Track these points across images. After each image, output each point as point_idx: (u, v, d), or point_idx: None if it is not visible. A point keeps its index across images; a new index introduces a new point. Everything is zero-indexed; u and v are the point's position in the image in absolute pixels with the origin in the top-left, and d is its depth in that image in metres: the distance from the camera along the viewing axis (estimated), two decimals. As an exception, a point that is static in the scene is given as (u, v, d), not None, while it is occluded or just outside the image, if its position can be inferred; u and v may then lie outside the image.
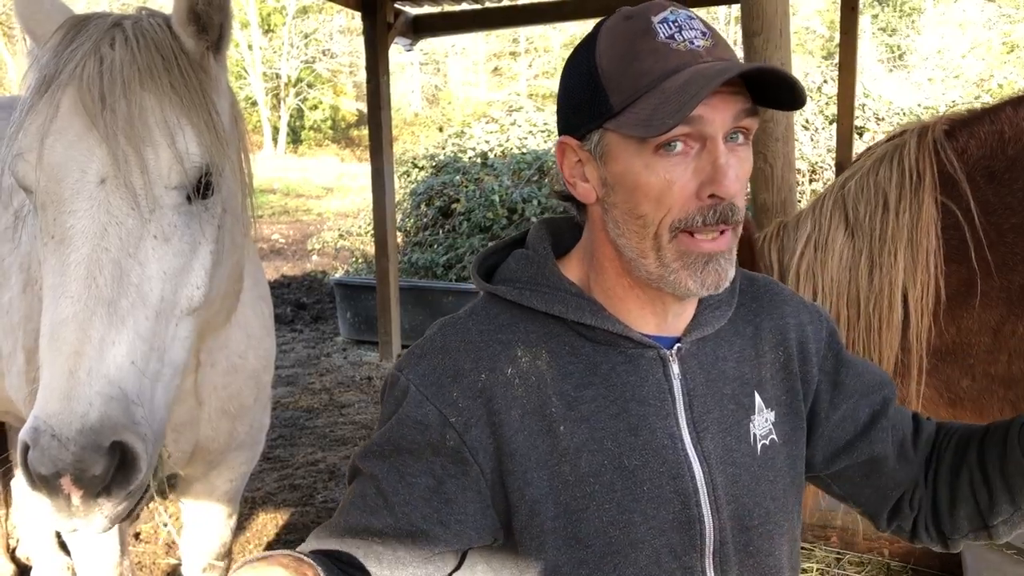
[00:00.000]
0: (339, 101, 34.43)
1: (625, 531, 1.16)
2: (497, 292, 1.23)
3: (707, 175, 1.07)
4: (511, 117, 14.73)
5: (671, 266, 1.11)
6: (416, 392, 1.15)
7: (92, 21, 1.62)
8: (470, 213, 11.38)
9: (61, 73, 1.52)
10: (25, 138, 1.52)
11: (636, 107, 1.06)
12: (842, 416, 1.35)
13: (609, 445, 1.16)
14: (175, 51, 1.61)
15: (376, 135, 7.65)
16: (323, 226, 16.39)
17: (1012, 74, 19.65)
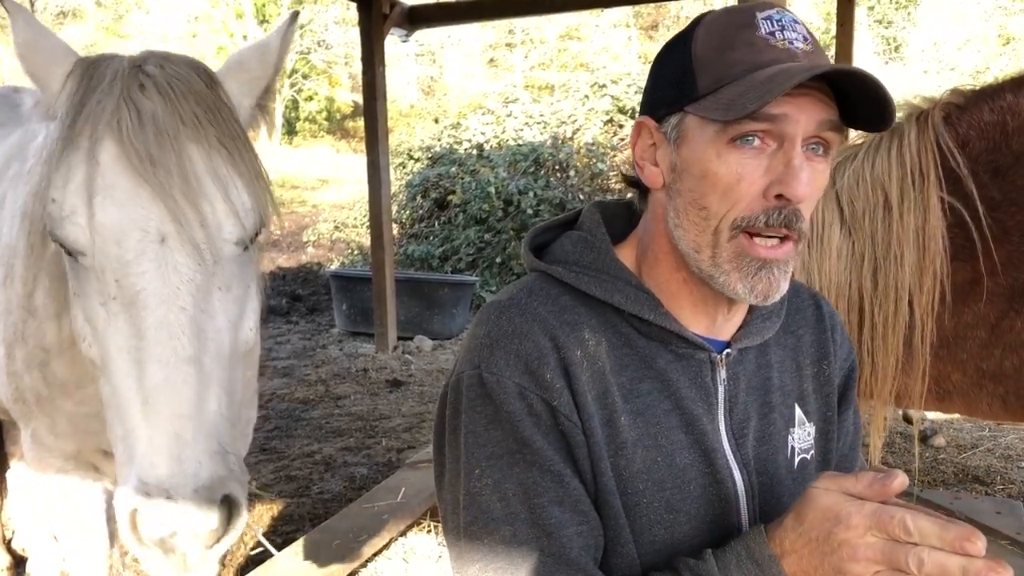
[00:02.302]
0: (334, 92, 34.29)
1: (670, 530, 1.14)
2: (553, 273, 1.18)
3: (778, 175, 1.04)
4: (507, 109, 14.71)
5: (724, 266, 1.09)
6: (512, 384, 1.09)
7: (106, 64, 1.57)
8: (466, 205, 11.38)
9: (95, 125, 1.49)
10: (67, 197, 1.47)
11: (721, 93, 1.04)
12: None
13: (663, 442, 1.14)
14: (216, 101, 1.59)
15: (371, 126, 7.64)
16: (319, 218, 16.35)
17: (1008, 66, 19.64)
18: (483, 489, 1.10)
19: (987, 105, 2.06)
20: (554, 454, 1.09)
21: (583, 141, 12.98)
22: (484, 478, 1.10)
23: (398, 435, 5.69)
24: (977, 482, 4.74)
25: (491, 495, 1.09)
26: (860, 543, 0.93)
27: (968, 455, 5.15)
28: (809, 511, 0.99)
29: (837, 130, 1.07)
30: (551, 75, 29.63)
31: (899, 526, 0.90)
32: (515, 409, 1.09)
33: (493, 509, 1.09)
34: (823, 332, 1.33)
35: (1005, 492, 4.58)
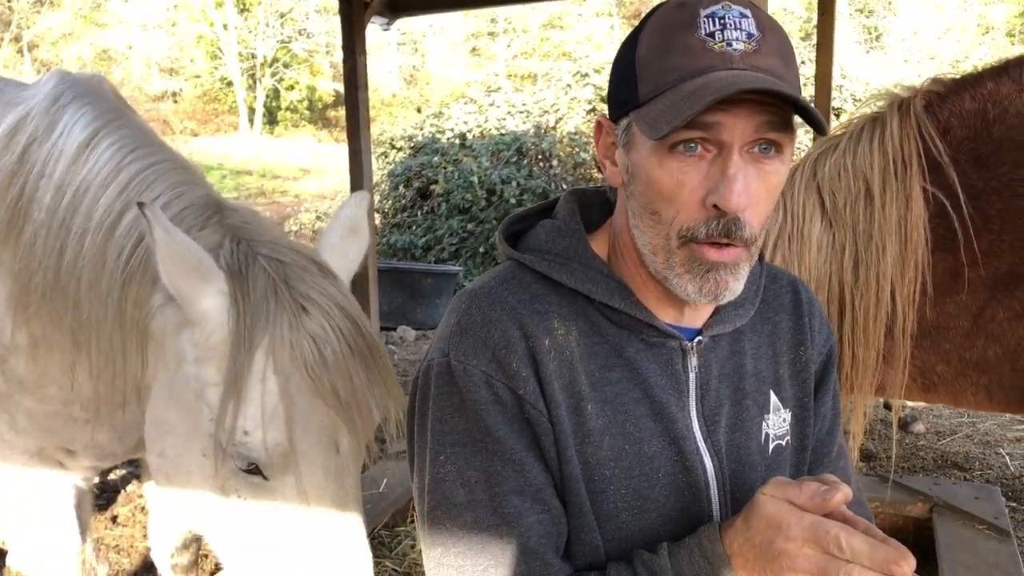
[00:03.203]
0: (315, 81, 34.07)
1: (637, 517, 1.16)
2: (525, 262, 1.19)
3: (714, 183, 1.03)
4: (490, 98, 14.67)
5: (676, 269, 1.09)
6: (478, 372, 1.10)
7: (255, 278, 1.63)
8: (449, 194, 11.36)
9: (280, 359, 1.57)
10: (268, 433, 1.58)
11: (655, 103, 1.03)
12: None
13: (631, 429, 1.15)
14: (355, 310, 1.72)
15: (353, 115, 7.58)
16: (300, 207, 16.26)
17: (987, 56, 19.75)
18: (447, 476, 1.12)
19: (968, 93, 2.05)
20: (517, 443, 1.11)
21: (566, 130, 12.96)
22: (448, 465, 1.12)
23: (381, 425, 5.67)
24: (956, 468, 4.78)
25: (454, 482, 1.12)
26: (798, 554, 0.95)
27: (947, 441, 5.19)
28: (755, 517, 1.01)
29: (782, 129, 1.04)
30: (534, 64, 29.55)
31: (833, 542, 0.93)
32: (481, 397, 1.10)
33: (456, 495, 1.12)
34: (800, 318, 1.33)
35: (983, 477, 4.62)
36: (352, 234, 1.91)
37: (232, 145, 26.91)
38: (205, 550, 3.82)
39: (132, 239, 1.80)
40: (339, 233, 1.89)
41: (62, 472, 2.34)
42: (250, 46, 32.70)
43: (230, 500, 1.67)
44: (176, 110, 31.34)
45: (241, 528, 1.69)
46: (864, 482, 3.53)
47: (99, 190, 1.87)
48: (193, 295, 1.61)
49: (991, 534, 2.93)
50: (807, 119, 1.03)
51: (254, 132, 31.43)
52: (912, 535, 3.24)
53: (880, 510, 3.29)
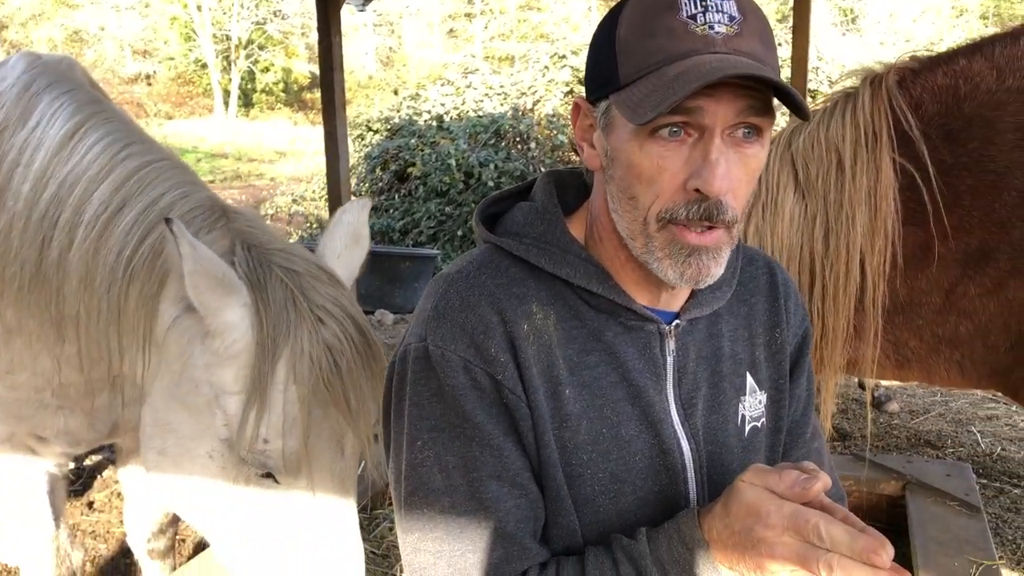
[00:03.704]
0: (291, 63, 33.79)
1: (614, 501, 1.16)
2: (503, 245, 1.18)
3: (695, 167, 1.02)
4: (467, 79, 14.60)
5: (656, 253, 1.08)
6: (456, 358, 1.09)
7: (273, 289, 1.65)
8: (426, 177, 11.31)
9: (299, 370, 1.61)
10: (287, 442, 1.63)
11: (637, 86, 1.02)
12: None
13: (608, 413, 1.15)
14: (363, 320, 1.76)
15: (328, 98, 7.53)
16: (276, 191, 16.14)
17: (961, 38, 19.88)
18: (424, 461, 1.12)
19: (941, 69, 2.06)
20: (495, 428, 1.10)
21: (544, 112, 12.93)
22: (426, 450, 1.11)
23: (359, 408, 5.66)
24: (929, 446, 4.84)
25: (432, 467, 1.11)
26: (777, 542, 0.96)
27: (920, 420, 5.25)
28: (734, 504, 1.01)
29: (763, 113, 1.03)
30: (511, 46, 29.46)
31: (813, 531, 0.93)
32: (459, 383, 1.10)
33: (433, 481, 1.11)
34: (776, 300, 1.33)
35: (955, 455, 4.68)
36: (355, 243, 1.96)
37: (207, 128, 26.70)
38: (182, 535, 3.81)
39: (135, 237, 1.79)
40: (343, 241, 1.93)
41: (34, 458, 2.32)
42: (224, 27, 32.36)
43: (234, 499, 1.70)
44: (150, 93, 31.01)
45: (242, 524, 1.72)
46: (839, 461, 3.57)
47: (91, 184, 1.85)
48: (218, 307, 1.63)
49: (962, 510, 2.97)
50: (789, 103, 1.03)
51: (229, 115, 31.15)
52: (886, 512, 3.27)
53: (854, 488, 3.32)
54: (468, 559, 1.10)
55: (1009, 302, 2.01)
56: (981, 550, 2.68)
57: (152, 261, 1.76)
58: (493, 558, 1.09)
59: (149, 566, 2.92)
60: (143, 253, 1.77)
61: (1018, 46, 1.96)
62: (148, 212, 1.80)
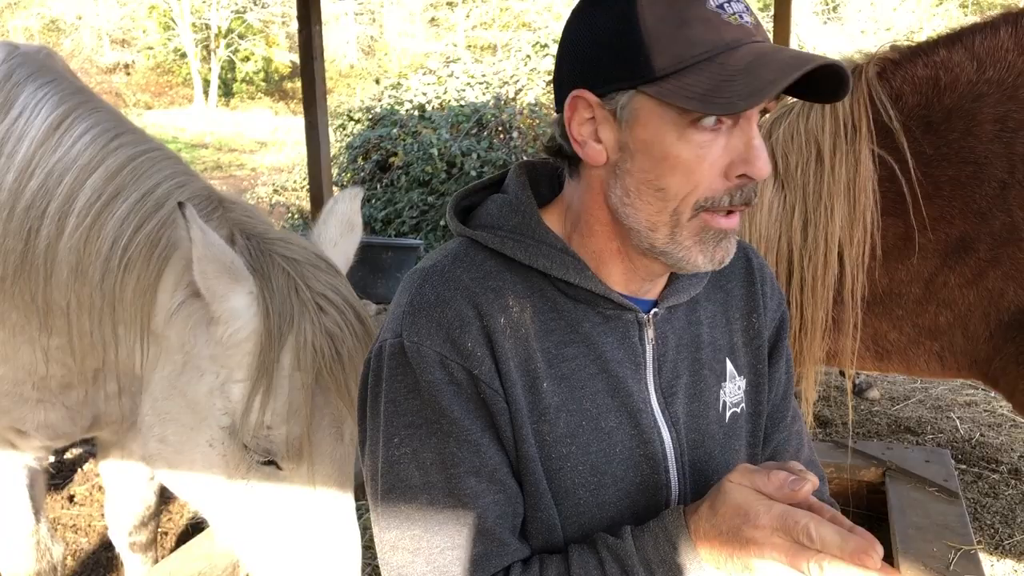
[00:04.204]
0: (271, 53, 33.53)
1: (595, 493, 1.16)
2: (478, 239, 1.16)
3: (739, 154, 1.03)
4: (449, 69, 14.53)
5: (683, 243, 1.07)
6: (432, 353, 1.08)
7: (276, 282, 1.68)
8: (408, 167, 11.26)
9: (304, 357, 1.65)
10: (291, 428, 1.66)
11: (686, 77, 0.99)
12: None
13: (588, 406, 1.15)
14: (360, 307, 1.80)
15: (309, 87, 7.47)
16: (257, 181, 16.04)
17: (941, 27, 19.97)
18: (401, 458, 1.10)
19: (921, 60, 2.06)
20: (472, 424, 1.09)
21: (526, 102, 12.90)
22: (403, 447, 1.10)
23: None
24: (909, 432, 4.89)
25: (409, 463, 1.10)
26: (766, 543, 0.96)
27: (901, 407, 5.30)
28: (721, 504, 1.01)
29: (778, 99, 1.06)
30: (493, 35, 29.34)
31: (803, 532, 0.94)
32: (435, 378, 1.08)
33: (411, 477, 1.10)
34: (752, 285, 1.33)
35: (935, 441, 4.73)
36: (349, 231, 1.99)
37: (187, 118, 26.46)
38: (164, 527, 3.79)
39: (131, 226, 1.79)
40: (338, 229, 1.97)
41: (13, 452, 2.31)
42: (204, 16, 32.07)
43: (236, 485, 1.73)
44: (128, 82, 30.69)
45: (243, 509, 1.75)
46: (820, 448, 3.59)
47: (81, 173, 1.84)
48: (225, 294, 1.64)
49: (941, 496, 3.00)
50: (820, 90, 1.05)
51: (209, 104, 30.90)
52: (866, 498, 3.31)
53: (835, 475, 3.35)
54: (447, 556, 1.09)
55: (988, 291, 2.03)
56: (960, 535, 2.71)
57: (149, 250, 1.76)
58: (472, 554, 1.09)
59: (131, 559, 2.92)
60: (139, 242, 1.77)
61: (998, 37, 1.96)
62: (144, 201, 1.80)
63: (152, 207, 1.79)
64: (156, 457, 1.80)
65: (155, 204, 1.79)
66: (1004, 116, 1.90)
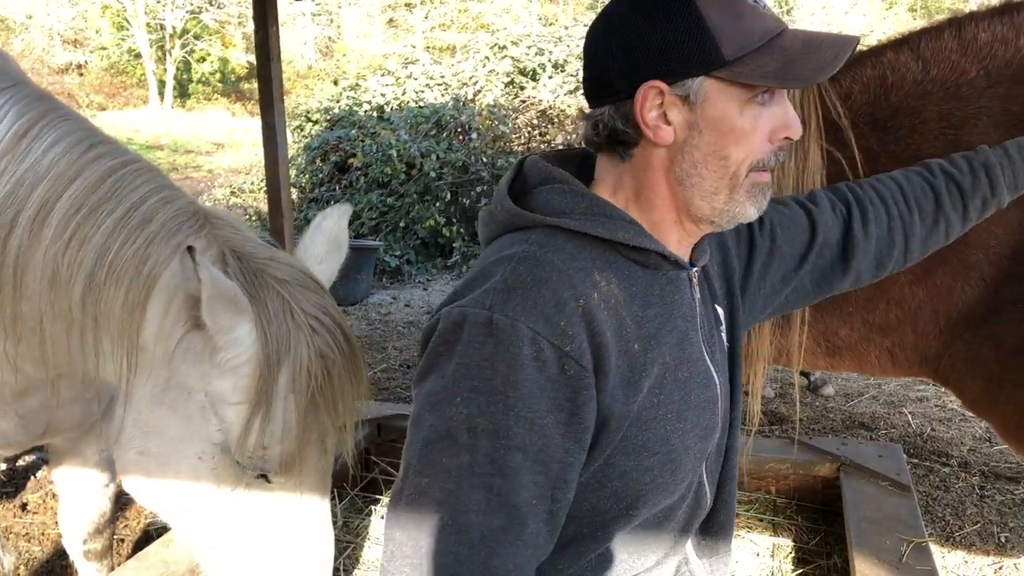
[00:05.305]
0: (228, 53, 33.19)
1: (681, 438, 1.29)
2: (562, 224, 1.24)
3: (780, 120, 1.24)
4: (407, 70, 14.49)
5: (739, 199, 1.26)
6: (526, 330, 1.13)
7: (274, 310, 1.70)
8: (367, 168, 11.20)
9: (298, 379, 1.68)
10: (287, 448, 1.70)
11: (752, 61, 1.18)
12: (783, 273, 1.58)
13: (669, 359, 1.28)
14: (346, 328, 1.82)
15: (266, 88, 7.39)
16: (214, 183, 15.87)
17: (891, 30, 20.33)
18: (456, 415, 1.13)
19: (870, 61, 2.11)
20: (538, 403, 1.13)
21: (485, 103, 12.90)
22: (462, 407, 1.13)
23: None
24: (863, 428, 4.97)
25: (461, 424, 1.13)
26: None
27: (855, 403, 5.39)
28: None
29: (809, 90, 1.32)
30: (452, 36, 29.31)
31: None
32: (521, 353, 1.13)
33: (459, 436, 1.13)
34: (722, 235, 1.50)
35: (888, 436, 4.82)
36: (336, 249, 2.00)
37: (142, 119, 26.10)
38: (120, 534, 3.74)
39: (117, 241, 1.76)
40: (324, 247, 1.99)
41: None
42: (158, 17, 31.64)
43: (220, 495, 1.75)
44: (81, 83, 30.19)
45: (225, 518, 1.77)
46: (775, 444, 3.64)
47: (57, 184, 1.79)
48: (231, 326, 1.66)
49: (894, 490, 3.05)
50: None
51: (165, 106, 30.50)
52: (821, 493, 3.36)
53: (791, 471, 3.40)
54: (470, 519, 1.11)
55: (937, 288, 2.07)
56: (912, 528, 2.76)
57: (138, 266, 1.75)
58: (493, 524, 1.11)
59: (86, 568, 2.87)
60: (127, 258, 1.75)
61: (942, 39, 2.01)
62: (130, 216, 1.78)
63: (139, 222, 1.77)
64: (133, 467, 1.80)
65: (142, 219, 1.77)
66: (948, 113, 1.94)
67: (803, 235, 1.57)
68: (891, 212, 1.62)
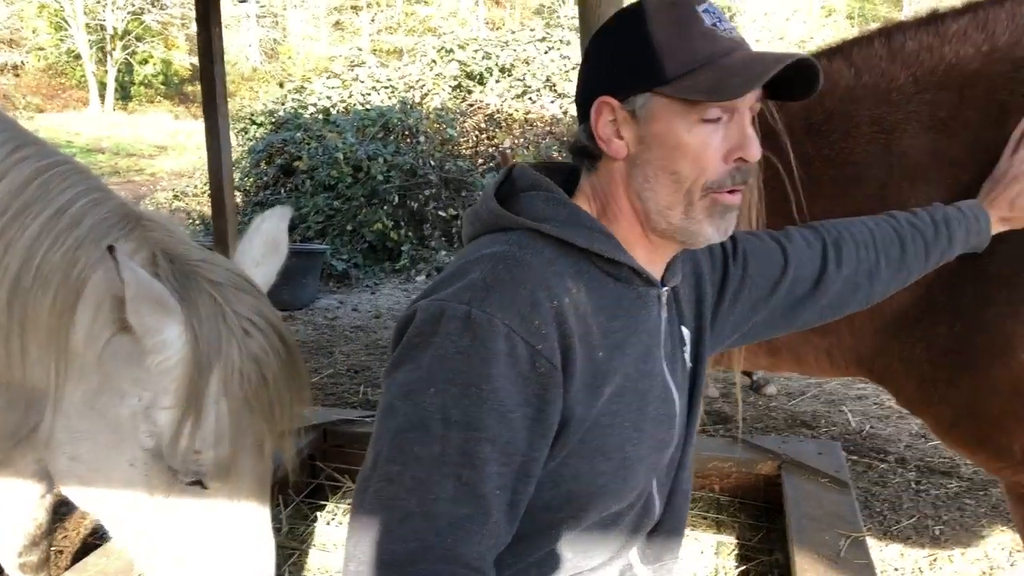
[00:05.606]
0: (171, 55, 32.67)
1: (636, 447, 1.33)
2: (542, 229, 1.29)
3: (736, 142, 1.25)
4: (353, 72, 14.43)
5: (696, 218, 1.28)
6: (501, 326, 1.16)
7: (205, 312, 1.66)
8: (313, 171, 11.12)
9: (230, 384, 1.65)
10: (220, 451, 1.67)
11: (693, 78, 1.21)
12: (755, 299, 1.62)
13: (631, 370, 1.32)
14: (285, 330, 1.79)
15: (209, 90, 7.30)
16: (157, 186, 15.62)
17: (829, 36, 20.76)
18: (429, 406, 1.15)
19: (804, 69, 2.15)
20: (510, 397, 1.16)
21: (432, 106, 12.90)
22: (435, 398, 1.15)
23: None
24: (805, 426, 5.07)
25: (435, 414, 1.15)
26: None
27: (797, 401, 5.50)
28: None
29: (761, 100, 1.29)
30: (399, 39, 29.21)
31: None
32: (495, 348, 1.16)
33: (432, 426, 1.15)
34: (693, 257, 1.55)
35: (828, 434, 4.92)
36: (274, 251, 1.96)
37: (82, 121, 25.57)
38: (60, 545, 3.66)
39: (44, 245, 1.72)
40: (262, 250, 1.95)
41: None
42: (99, 17, 31.03)
43: (156, 502, 1.71)
44: (18, 84, 29.48)
45: (162, 524, 1.73)
46: (718, 443, 3.69)
47: None
48: (158, 327, 1.62)
49: (833, 486, 3.11)
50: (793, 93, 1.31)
51: (106, 108, 29.92)
52: (763, 491, 3.40)
53: (734, 469, 3.45)
54: (439, 506, 1.13)
55: (871, 288, 2.12)
56: (850, 523, 2.82)
57: (67, 270, 1.71)
58: (460, 513, 1.14)
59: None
60: (55, 262, 1.71)
61: (872, 47, 2.05)
62: (57, 219, 1.74)
63: (67, 224, 1.73)
64: (67, 474, 1.77)
65: (70, 222, 1.73)
66: (880, 118, 1.99)
67: (775, 268, 1.62)
68: (860, 256, 1.69)
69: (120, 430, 1.69)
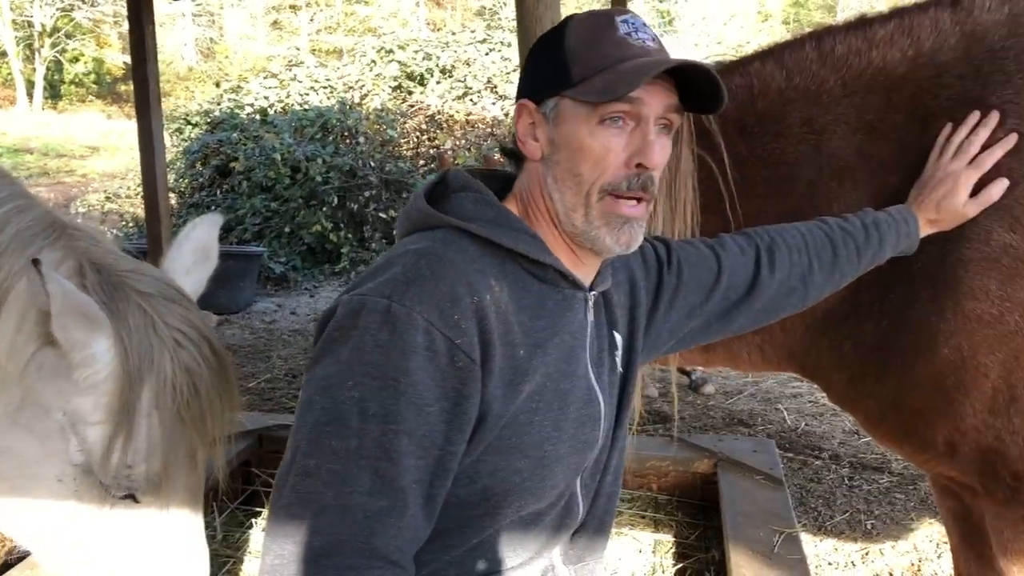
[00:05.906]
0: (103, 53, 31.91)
1: (555, 447, 1.34)
2: (468, 228, 1.31)
3: (637, 147, 1.28)
4: (291, 72, 14.27)
5: (595, 223, 1.32)
6: (420, 320, 1.18)
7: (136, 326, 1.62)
8: (250, 172, 10.94)
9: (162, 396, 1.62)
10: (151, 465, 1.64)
11: (595, 80, 1.26)
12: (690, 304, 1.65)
13: (552, 370, 1.33)
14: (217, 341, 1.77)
15: (142, 90, 7.14)
16: (88, 188, 15.23)
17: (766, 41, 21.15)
18: (347, 399, 1.16)
19: (739, 71, 2.18)
20: (428, 391, 1.17)
21: (372, 107, 12.80)
22: (353, 391, 1.17)
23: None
24: (742, 425, 5.15)
25: (353, 407, 1.16)
26: None
27: (734, 400, 5.58)
28: None
29: (679, 112, 1.33)
30: (338, 39, 28.94)
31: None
32: (414, 341, 1.17)
33: (350, 419, 1.16)
34: (627, 263, 1.58)
35: (765, 432, 5.00)
36: (204, 259, 1.94)
37: (8, 121, 24.81)
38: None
39: None
40: (192, 257, 1.93)
41: None
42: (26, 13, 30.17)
43: (84, 518, 1.67)
44: (-61, 82, 28.49)
45: (91, 539, 1.70)
46: (656, 442, 3.73)
47: None
48: (85, 341, 1.58)
49: (767, 483, 3.16)
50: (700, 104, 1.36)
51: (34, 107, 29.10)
52: (700, 489, 3.44)
53: (671, 467, 3.48)
54: (356, 499, 1.14)
55: (802, 287, 2.15)
56: (784, 520, 2.87)
57: None
58: (377, 506, 1.14)
59: (-58, 596, 2.70)
60: None
61: (803, 50, 2.09)
62: None
63: None
64: None
65: None
66: (810, 119, 2.03)
67: (709, 274, 1.65)
68: (793, 260, 1.73)
69: (47, 445, 1.65)
